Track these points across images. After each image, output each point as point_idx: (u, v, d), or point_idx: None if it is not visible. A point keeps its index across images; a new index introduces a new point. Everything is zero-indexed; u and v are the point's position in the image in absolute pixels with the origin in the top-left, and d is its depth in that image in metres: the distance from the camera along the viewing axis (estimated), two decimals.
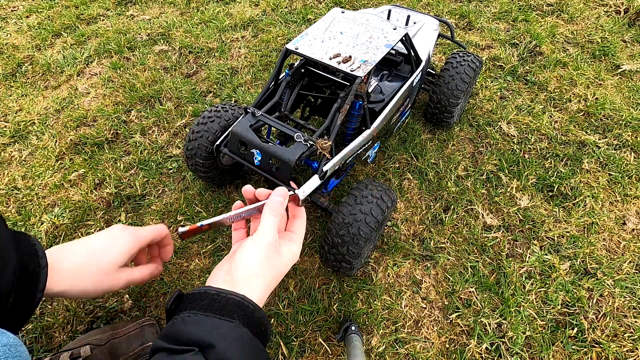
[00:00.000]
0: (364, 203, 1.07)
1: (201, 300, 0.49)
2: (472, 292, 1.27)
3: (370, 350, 1.15)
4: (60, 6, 2.55)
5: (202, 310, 0.48)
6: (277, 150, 1.01)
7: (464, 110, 1.82)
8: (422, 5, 2.56)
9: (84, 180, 1.55)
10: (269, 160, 1.04)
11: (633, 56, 2.18)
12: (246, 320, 0.49)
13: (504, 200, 1.51)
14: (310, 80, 1.38)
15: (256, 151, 1.03)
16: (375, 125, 1.25)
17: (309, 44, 1.22)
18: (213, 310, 0.48)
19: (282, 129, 1.10)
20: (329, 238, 1.10)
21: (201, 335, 0.45)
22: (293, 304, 1.23)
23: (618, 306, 1.24)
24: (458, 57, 1.57)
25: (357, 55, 1.18)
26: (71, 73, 2.03)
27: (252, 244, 0.58)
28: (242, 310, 0.49)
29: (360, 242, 1.04)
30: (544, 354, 1.14)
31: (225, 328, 0.46)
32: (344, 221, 1.06)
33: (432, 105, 1.61)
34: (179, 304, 0.51)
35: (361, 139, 1.20)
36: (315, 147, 1.04)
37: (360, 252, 1.08)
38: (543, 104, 1.91)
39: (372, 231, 1.06)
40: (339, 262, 1.11)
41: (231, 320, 0.47)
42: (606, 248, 1.39)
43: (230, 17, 2.43)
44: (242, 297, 0.50)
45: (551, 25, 2.37)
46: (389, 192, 1.14)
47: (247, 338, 0.47)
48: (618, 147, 1.73)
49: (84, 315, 1.19)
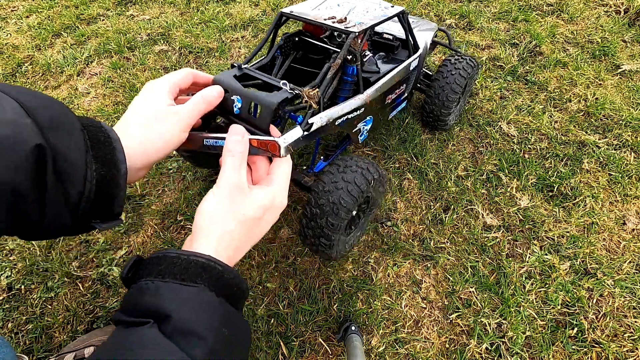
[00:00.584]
0: (347, 172, 1.03)
1: (159, 264, 0.43)
2: (472, 292, 1.27)
3: (370, 350, 1.15)
4: (60, 6, 2.55)
5: (160, 276, 0.42)
6: (258, 95, 0.92)
7: (463, 111, 1.82)
8: (422, 5, 2.56)
9: None
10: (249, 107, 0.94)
11: (633, 56, 2.18)
12: (213, 283, 0.43)
13: (504, 200, 1.51)
14: (304, 55, 1.36)
15: (236, 97, 0.92)
16: (369, 93, 1.22)
17: (305, 9, 1.21)
18: (172, 275, 0.42)
19: (268, 80, 1.02)
20: (307, 210, 1.05)
21: (158, 304, 0.40)
22: (293, 304, 1.23)
23: (618, 306, 1.24)
24: (452, 60, 1.57)
25: (352, 18, 1.16)
26: (71, 73, 2.03)
27: (211, 192, 0.51)
28: (207, 272, 0.43)
29: (341, 212, 0.98)
30: (544, 354, 1.14)
31: (186, 294, 0.41)
32: (324, 189, 1.01)
33: (427, 107, 1.61)
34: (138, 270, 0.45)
35: (353, 101, 1.16)
36: (302, 95, 0.97)
37: (341, 225, 1.01)
38: (543, 104, 1.91)
39: (354, 202, 1.00)
40: (318, 237, 1.04)
41: (193, 284, 0.42)
42: (606, 248, 1.40)
43: (230, 17, 2.43)
44: (208, 258, 0.44)
45: (551, 25, 2.37)
46: (377, 166, 1.09)
47: (215, 303, 0.42)
48: (618, 147, 1.73)
49: (84, 315, 1.19)
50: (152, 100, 0.56)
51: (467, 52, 2.19)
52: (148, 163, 0.53)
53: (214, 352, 0.39)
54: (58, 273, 1.28)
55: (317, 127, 1.01)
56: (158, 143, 0.53)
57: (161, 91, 0.57)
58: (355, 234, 1.23)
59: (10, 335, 1.14)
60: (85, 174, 0.43)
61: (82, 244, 1.37)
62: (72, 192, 0.42)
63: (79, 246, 1.36)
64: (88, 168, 0.43)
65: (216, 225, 0.48)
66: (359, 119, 1.24)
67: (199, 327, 0.39)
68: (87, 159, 0.43)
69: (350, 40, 1.08)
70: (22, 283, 1.26)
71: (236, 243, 0.49)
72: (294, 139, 0.94)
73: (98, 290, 1.26)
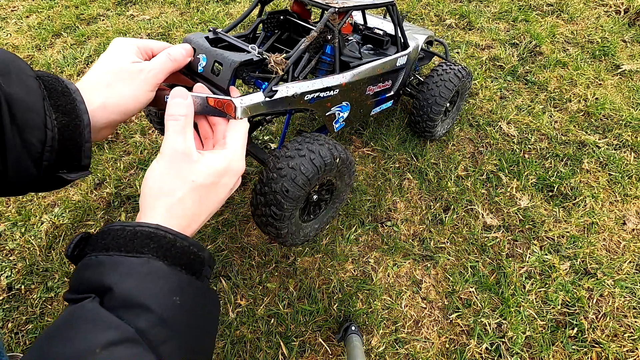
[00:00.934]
0: (314, 143, 0.99)
1: (103, 239, 0.41)
2: (472, 292, 1.27)
3: (370, 350, 1.15)
4: (60, 6, 2.55)
5: (105, 250, 0.40)
6: (223, 53, 0.88)
7: (457, 119, 1.79)
8: (422, 5, 2.56)
9: (83, 180, 1.55)
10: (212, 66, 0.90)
11: (633, 56, 2.18)
12: (162, 252, 0.40)
13: (504, 200, 1.51)
14: (290, 36, 1.33)
15: (202, 56, 0.89)
16: (346, 75, 1.18)
17: None
18: (116, 248, 0.40)
19: (239, 45, 0.98)
20: (263, 174, 0.99)
21: (99, 278, 0.38)
22: (293, 304, 1.23)
23: (618, 306, 1.24)
24: (440, 71, 1.52)
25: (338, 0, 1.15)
26: (71, 73, 2.03)
27: (155, 159, 0.47)
28: (155, 242, 0.40)
29: (299, 179, 0.94)
30: (544, 354, 1.14)
31: (130, 265, 0.38)
32: (286, 154, 0.96)
33: (413, 117, 1.58)
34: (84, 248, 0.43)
35: (326, 79, 1.10)
36: (269, 60, 0.92)
37: (297, 195, 0.96)
38: (543, 104, 1.91)
39: (315, 174, 0.96)
40: (269, 205, 0.97)
41: (139, 255, 0.39)
42: (606, 248, 1.40)
43: (230, 17, 2.43)
44: (156, 227, 0.41)
45: (551, 25, 2.37)
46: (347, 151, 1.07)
47: (163, 273, 0.39)
48: (618, 147, 1.73)
49: None
50: (117, 57, 0.54)
51: (467, 52, 2.19)
52: (112, 123, 0.51)
53: (163, 321, 0.37)
54: (58, 273, 1.28)
55: (282, 96, 0.96)
56: (121, 103, 0.51)
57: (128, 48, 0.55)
58: (313, 226, 1.17)
59: (10, 335, 1.14)
60: (44, 121, 0.41)
61: None
62: (33, 140, 0.41)
63: None
64: (47, 116, 0.42)
65: (164, 194, 0.45)
66: (332, 101, 1.18)
67: (143, 297, 0.37)
68: (45, 106, 0.42)
69: (328, 15, 1.06)
70: (22, 283, 1.26)
71: (190, 211, 0.46)
72: (253, 102, 0.89)
73: None
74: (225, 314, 1.20)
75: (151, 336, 0.35)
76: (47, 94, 0.43)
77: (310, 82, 1.05)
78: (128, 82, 0.52)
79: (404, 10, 2.54)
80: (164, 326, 0.37)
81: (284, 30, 1.30)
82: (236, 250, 1.34)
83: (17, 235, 1.38)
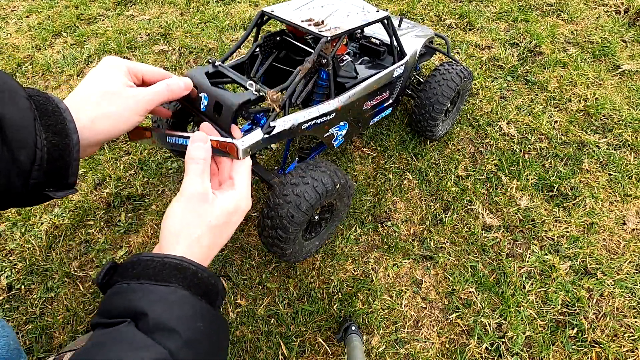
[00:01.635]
0: (316, 170, 1.05)
1: (133, 268, 0.45)
2: (472, 292, 1.27)
3: (370, 350, 1.15)
4: (60, 6, 2.55)
5: (135, 279, 0.44)
6: (223, 94, 0.93)
7: (457, 119, 1.80)
8: (422, 5, 2.56)
9: (83, 180, 1.55)
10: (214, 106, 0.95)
11: (633, 56, 2.18)
12: (187, 282, 0.45)
13: (504, 200, 1.51)
14: (287, 55, 1.35)
15: (204, 95, 0.94)
16: (341, 99, 1.20)
17: (286, 9, 1.20)
18: (147, 277, 0.44)
19: (237, 80, 1.03)
20: (270, 199, 1.04)
21: (133, 305, 0.41)
22: (293, 304, 1.23)
23: (618, 306, 1.24)
24: (442, 70, 1.52)
25: (330, 22, 1.15)
26: (71, 73, 2.03)
27: (175, 199, 0.52)
28: (181, 272, 0.45)
29: (303, 205, 1.00)
30: (544, 354, 1.14)
31: (160, 293, 0.42)
32: (291, 181, 1.02)
33: (414, 116, 1.58)
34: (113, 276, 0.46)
35: (321, 106, 1.14)
36: (265, 97, 0.97)
37: (301, 219, 1.02)
38: (543, 104, 1.91)
39: (317, 200, 1.02)
40: (275, 228, 1.04)
41: (168, 284, 0.43)
42: (606, 248, 1.40)
43: (230, 17, 2.43)
44: (181, 259, 0.46)
45: (551, 25, 2.37)
46: (346, 175, 1.12)
47: (188, 301, 0.43)
48: (618, 147, 1.73)
49: (84, 315, 1.19)
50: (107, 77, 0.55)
51: (467, 52, 2.19)
52: (98, 142, 0.53)
53: (189, 343, 0.40)
54: (58, 273, 1.28)
55: (280, 130, 1.02)
56: (108, 124, 0.53)
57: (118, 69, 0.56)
58: (314, 243, 1.23)
59: None
60: (35, 141, 0.43)
61: (82, 244, 1.37)
62: (22, 158, 0.42)
63: (79, 246, 1.36)
64: (37, 136, 0.43)
65: (185, 233, 0.49)
66: (330, 124, 1.23)
67: (172, 321, 0.40)
68: (35, 126, 0.43)
69: (321, 45, 1.08)
70: (22, 283, 1.26)
71: (206, 247, 0.50)
72: (253, 142, 0.95)
73: (98, 290, 1.26)
74: (225, 314, 1.20)
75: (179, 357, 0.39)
76: (37, 113, 0.44)
77: (306, 112, 1.10)
78: (118, 104, 0.53)
79: (404, 10, 2.54)
80: (189, 348, 0.40)
81: (281, 48, 1.33)
82: (236, 250, 1.34)
83: (17, 235, 1.38)
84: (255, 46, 1.24)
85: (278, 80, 1.40)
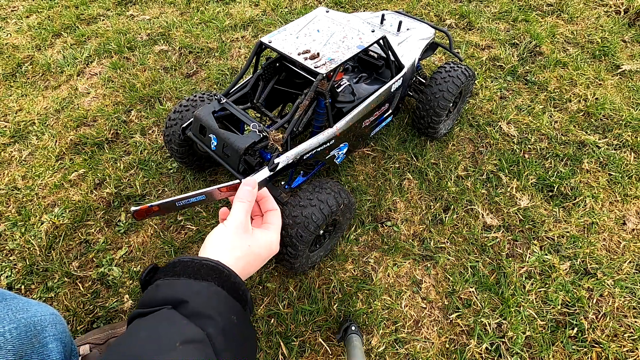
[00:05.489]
0: (322, 192, 1.11)
1: (174, 267, 0.49)
2: (472, 292, 1.27)
3: (370, 350, 1.15)
4: (60, 6, 2.55)
5: (176, 276, 0.48)
6: (229, 137, 1.03)
7: (457, 120, 1.79)
8: (422, 5, 2.56)
9: (84, 180, 1.55)
10: (223, 147, 1.06)
11: (633, 56, 2.18)
12: (221, 282, 0.49)
13: (504, 200, 1.51)
14: (288, 76, 1.38)
15: (213, 136, 1.04)
16: (339, 126, 1.24)
17: (284, 38, 1.23)
18: (186, 275, 0.48)
19: (242, 118, 1.12)
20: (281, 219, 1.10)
21: (173, 293, 0.45)
22: (293, 304, 1.23)
23: (618, 306, 1.24)
24: (447, 68, 1.53)
25: (325, 53, 1.17)
26: (71, 73, 2.03)
27: (221, 225, 0.59)
28: (216, 274, 0.49)
29: (311, 226, 1.07)
30: (544, 354, 1.14)
31: (198, 286, 0.46)
32: (300, 203, 1.09)
33: (418, 113, 1.58)
34: (154, 275, 0.51)
35: (321, 136, 1.19)
36: (269, 138, 1.06)
37: (308, 238, 1.08)
38: (543, 104, 1.91)
39: (324, 220, 1.08)
40: (285, 246, 1.10)
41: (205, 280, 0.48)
42: (606, 248, 1.39)
43: (230, 17, 2.43)
44: (217, 262, 0.51)
45: (551, 25, 2.37)
46: (348, 194, 1.18)
47: (223, 296, 0.47)
48: (618, 147, 1.73)
49: (84, 315, 1.19)
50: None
51: (467, 52, 2.19)
52: None
53: (225, 331, 0.44)
54: (58, 273, 1.28)
55: (283, 165, 1.10)
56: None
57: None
58: (319, 253, 1.26)
59: None
60: None
61: (82, 244, 1.37)
62: None
63: (79, 246, 1.36)
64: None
65: (226, 249, 0.56)
66: (330, 148, 1.28)
67: (210, 310, 0.44)
68: None
69: (317, 82, 1.12)
70: (22, 283, 1.26)
71: (241, 268, 0.56)
72: (261, 179, 1.05)
73: (98, 290, 1.26)
74: None
75: (215, 342, 0.42)
76: None
77: (306, 144, 1.16)
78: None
79: (404, 10, 2.53)
80: (224, 336, 0.44)
81: (281, 72, 1.37)
82: None
83: (17, 235, 1.38)
84: (256, 76, 1.30)
85: (279, 99, 1.45)
